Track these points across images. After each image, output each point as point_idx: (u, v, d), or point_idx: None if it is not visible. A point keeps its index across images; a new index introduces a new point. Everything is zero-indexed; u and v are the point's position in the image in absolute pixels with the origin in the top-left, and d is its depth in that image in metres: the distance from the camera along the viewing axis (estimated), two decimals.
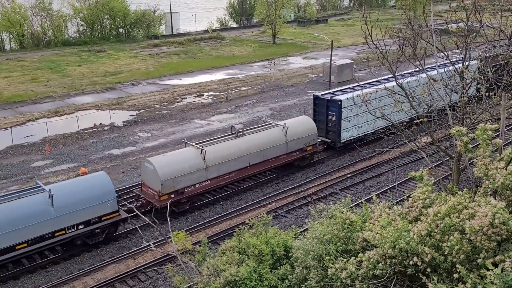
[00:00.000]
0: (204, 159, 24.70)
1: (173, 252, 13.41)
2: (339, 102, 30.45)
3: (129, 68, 59.64)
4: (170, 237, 13.80)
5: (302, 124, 29.46)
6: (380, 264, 7.88)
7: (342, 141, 31.29)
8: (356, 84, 33.55)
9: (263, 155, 27.21)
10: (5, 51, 71.92)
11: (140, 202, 24.27)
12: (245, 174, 26.82)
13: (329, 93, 32.78)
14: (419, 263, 7.54)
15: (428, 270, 7.54)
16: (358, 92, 31.06)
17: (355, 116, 31.41)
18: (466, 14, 17.25)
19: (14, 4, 73.44)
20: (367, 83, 34.27)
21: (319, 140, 31.30)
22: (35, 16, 75.17)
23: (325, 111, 31.40)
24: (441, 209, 7.81)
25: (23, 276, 19.94)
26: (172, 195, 23.50)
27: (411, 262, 7.63)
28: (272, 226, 13.39)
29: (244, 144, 26.53)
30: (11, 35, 74.27)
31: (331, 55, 47.80)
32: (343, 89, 33.30)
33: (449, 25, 23.70)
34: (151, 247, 16.77)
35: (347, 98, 30.69)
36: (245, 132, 27.32)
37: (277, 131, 28.27)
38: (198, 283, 11.42)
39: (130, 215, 22.21)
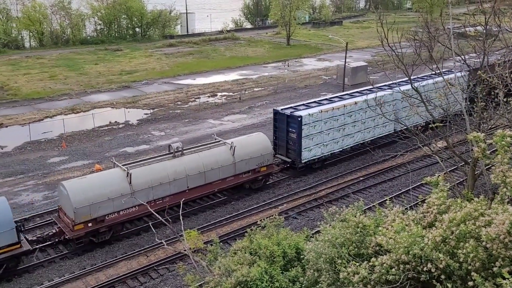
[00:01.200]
0: (130, 182, 21.84)
1: (185, 250, 13.47)
2: (299, 118, 27.45)
3: (144, 67, 60.07)
4: (182, 236, 13.85)
5: (255, 143, 26.68)
6: (393, 270, 7.82)
7: (303, 161, 28.33)
8: (334, 95, 32.16)
9: (205, 177, 24.35)
10: (25, 48, 72.92)
11: (54, 230, 21.77)
12: (183, 198, 22.39)
13: (290, 107, 29.63)
14: (433, 270, 7.47)
15: (442, 277, 7.46)
16: (325, 107, 28.88)
17: (319, 133, 28.52)
18: (485, 18, 17.06)
19: (35, 3, 74.54)
20: (346, 95, 32.09)
21: (279, 160, 29.17)
22: (55, 14, 76.18)
23: (285, 128, 28.42)
24: (456, 216, 7.73)
25: (37, 270, 20.21)
26: (90, 224, 20.95)
27: (425, 269, 7.56)
28: (283, 228, 13.38)
29: (182, 166, 23.66)
30: (31, 33, 75.34)
31: (345, 57, 47.60)
32: (308, 103, 30.29)
33: (467, 29, 23.43)
34: (163, 245, 16.87)
35: (309, 114, 27.85)
36: (184, 151, 24.50)
37: (223, 150, 25.40)
38: (209, 282, 11.44)
39: (38, 246, 20.72)
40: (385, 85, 33.62)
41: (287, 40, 77.73)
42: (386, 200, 10.83)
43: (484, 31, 17.86)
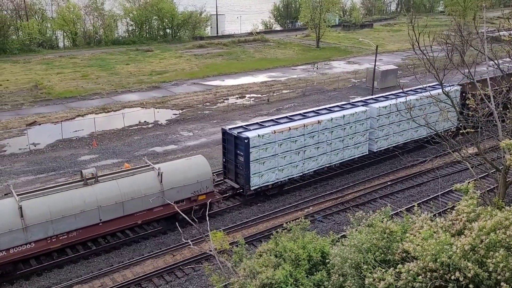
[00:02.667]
0: (22, 216, 18.95)
1: (211, 251, 13.61)
2: (245, 140, 24.17)
3: (174, 68, 60.88)
4: (208, 236, 14.01)
5: (191, 167, 23.44)
6: (420, 277, 7.74)
7: (252, 188, 25.10)
8: (297, 113, 28.66)
9: (124, 208, 21.29)
10: (58, 48, 75.04)
11: None
12: (96, 233, 20.93)
13: (241, 126, 26.18)
14: (461, 279, 7.36)
15: (471, 286, 7.34)
16: (279, 127, 25.63)
17: (272, 157, 25.33)
18: None
19: (69, 4, 76.70)
20: (311, 112, 28.75)
21: (228, 186, 26.44)
22: (88, 15, 78.20)
23: (234, 150, 25.30)
24: (486, 224, 7.60)
25: (66, 266, 20.74)
26: None
27: (452, 277, 7.46)
28: (309, 231, 13.37)
29: (93, 195, 20.65)
30: (64, 33, 77.56)
31: (375, 60, 47.09)
32: (263, 121, 27.05)
33: (500, 33, 22.89)
34: (190, 245, 17.07)
35: (258, 135, 24.52)
36: (100, 178, 21.47)
37: (149, 177, 22.19)
38: (234, 283, 11.54)
39: None
40: (362, 100, 31.33)
41: (317, 42, 77.45)
42: (414, 206, 10.70)
43: None
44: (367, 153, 29.96)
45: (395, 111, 29.30)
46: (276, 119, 27.41)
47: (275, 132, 24.99)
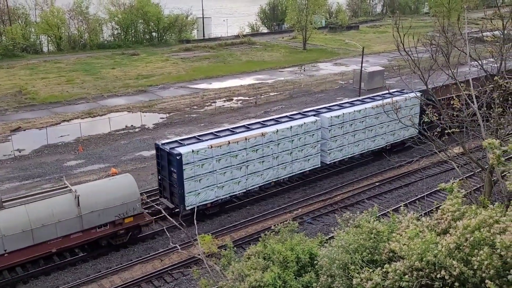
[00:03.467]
0: None
1: (199, 255, 13.54)
2: (178, 157, 22.42)
3: (160, 71, 60.65)
4: (196, 240, 13.94)
5: (115, 188, 21.37)
6: (406, 276, 7.78)
7: (188, 208, 23.04)
8: (239, 125, 26.92)
9: (33, 236, 19.33)
10: (43, 53, 74.30)
11: None
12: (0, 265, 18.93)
13: (176, 141, 24.27)
14: (446, 277, 7.41)
15: (456, 284, 7.40)
16: (217, 141, 23.88)
17: (210, 173, 23.53)
18: (503, 23, 16.88)
19: (53, 8, 75.96)
20: (256, 123, 27.08)
21: (163, 206, 24.41)
22: (72, 19, 77.57)
23: (167, 166, 23.53)
24: (471, 223, 7.67)
25: (53, 273, 20.50)
26: None
27: (438, 276, 7.51)
28: (297, 233, 13.38)
29: None
30: (49, 38, 76.79)
31: (361, 61, 47.42)
32: (201, 135, 25.13)
33: (484, 34, 23.18)
34: (178, 249, 16.98)
35: (192, 151, 22.77)
36: (6, 203, 19.58)
37: (64, 200, 20.16)
38: (222, 287, 11.49)
39: None
40: (315, 109, 29.61)
41: (304, 44, 77.75)
42: (401, 206, 10.78)
43: (502, 36, 17.67)
44: (319, 165, 28.36)
45: (349, 121, 28.80)
46: (216, 132, 25.55)
47: (212, 147, 23.28)
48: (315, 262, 11.05)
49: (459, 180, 12.89)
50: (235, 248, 14.80)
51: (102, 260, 21.45)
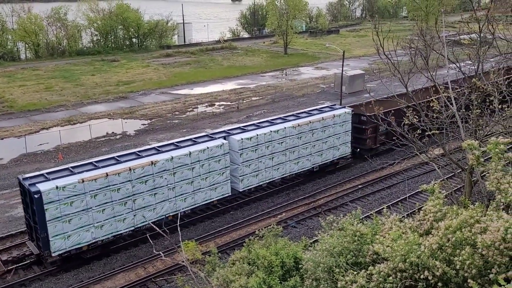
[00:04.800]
0: None
1: (183, 261, 13.42)
2: (36, 195, 18.83)
3: (141, 77, 60.23)
4: (180, 247, 13.81)
5: None
6: (390, 278, 7.81)
7: (55, 253, 19.80)
8: (131, 151, 23.33)
9: None
10: (20, 60, 73.12)
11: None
12: None
13: (42, 175, 20.39)
14: (430, 277, 7.47)
15: (439, 284, 7.46)
16: (92, 174, 20.26)
17: (83, 211, 20.01)
18: (479, 26, 17.20)
19: (30, 15, 74.88)
20: (146, 150, 23.20)
21: (28, 250, 21.11)
22: (50, 26, 76.49)
23: (30, 205, 19.86)
24: (452, 223, 7.75)
25: (33, 283, 20.07)
26: None
27: (422, 276, 7.56)
28: (282, 237, 13.37)
29: None
30: (26, 45, 75.58)
31: (342, 65, 47.80)
32: (74, 166, 21.26)
33: (461, 37, 23.63)
34: (161, 256, 16.80)
35: (56, 187, 19.17)
36: None
37: None
38: None
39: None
40: (225, 131, 26.33)
41: (285, 49, 78.12)
42: (384, 208, 10.85)
43: (479, 39, 18.01)
44: (230, 194, 25.22)
45: (264, 143, 25.67)
46: (96, 161, 21.71)
47: (83, 181, 19.68)
48: (300, 266, 11.05)
49: (440, 181, 13.05)
50: (219, 254, 14.72)
51: (84, 270, 21.09)
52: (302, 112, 29.53)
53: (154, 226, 15.05)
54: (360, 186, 28.80)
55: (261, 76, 62.00)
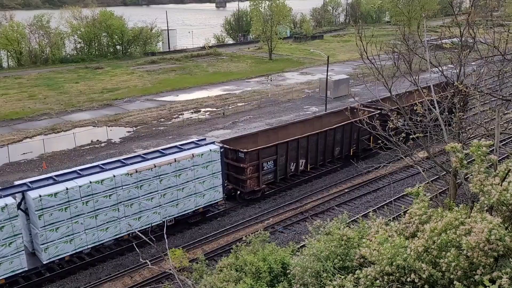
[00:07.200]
0: None
1: (170, 269, 13.31)
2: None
3: (126, 84, 59.84)
4: (167, 254, 13.70)
5: None
6: (377, 281, 7.84)
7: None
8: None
9: None
10: (2, 68, 72.18)
11: None
12: None
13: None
14: (416, 280, 7.51)
15: (426, 287, 7.50)
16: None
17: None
18: (460, 30, 17.45)
19: (12, 22, 74.05)
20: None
21: None
22: (33, 34, 75.65)
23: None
24: (437, 225, 7.80)
25: None
26: None
27: (408, 279, 7.60)
28: (269, 243, 13.35)
29: None
30: (8, 53, 74.61)
31: (327, 70, 48.08)
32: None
33: (443, 41, 23.93)
34: (148, 265, 16.63)
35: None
36: None
37: None
38: None
39: None
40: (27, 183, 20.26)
41: (269, 54, 78.37)
42: (370, 212, 10.91)
43: (460, 43, 18.27)
44: (27, 268, 19.32)
45: (80, 198, 19.95)
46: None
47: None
48: (287, 271, 11.03)
49: (425, 183, 13.17)
50: (206, 261, 14.64)
51: (70, 280, 20.79)
52: (167, 148, 24.38)
53: (141, 234, 14.90)
54: (346, 190, 28.91)
55: (246, 82, 62.07)
